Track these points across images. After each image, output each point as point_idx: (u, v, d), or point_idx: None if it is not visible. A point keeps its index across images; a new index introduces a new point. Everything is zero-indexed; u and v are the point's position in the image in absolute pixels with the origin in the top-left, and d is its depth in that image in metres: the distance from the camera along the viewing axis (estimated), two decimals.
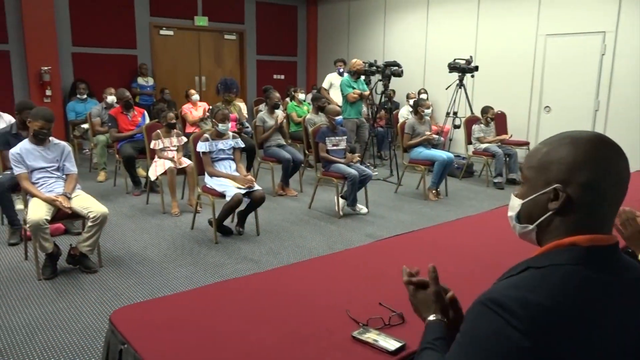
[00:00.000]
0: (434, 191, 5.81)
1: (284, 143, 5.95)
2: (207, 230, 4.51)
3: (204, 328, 1.56)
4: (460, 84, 7.24)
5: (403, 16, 9.55)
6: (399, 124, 6.36)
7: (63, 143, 3.74)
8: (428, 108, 6.05)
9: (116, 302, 3.14)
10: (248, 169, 5.77)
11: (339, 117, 5.25)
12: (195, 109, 7.49)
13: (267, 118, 5.81)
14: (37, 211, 3.32)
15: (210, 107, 5.01)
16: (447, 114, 7.47)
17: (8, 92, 7.83)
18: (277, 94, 5.91)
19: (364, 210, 5.20)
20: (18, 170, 3.57)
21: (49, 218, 3.35)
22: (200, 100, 7.61)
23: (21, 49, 7.99)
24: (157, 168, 5.10)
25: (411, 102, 7.87)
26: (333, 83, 7.58)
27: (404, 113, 8.01)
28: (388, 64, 6.65)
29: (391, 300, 1.72)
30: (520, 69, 7.80)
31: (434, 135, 6.02)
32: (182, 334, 1.51)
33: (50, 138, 3.68)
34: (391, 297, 1.75)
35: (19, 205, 4.44)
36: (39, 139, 3.58)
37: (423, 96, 8.19)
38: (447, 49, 8.53)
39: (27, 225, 3.29)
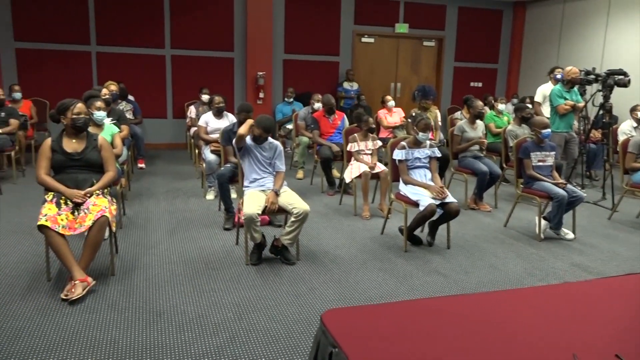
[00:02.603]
0: None
1: (481, 154, 5.64)
2: (397, 238, 4.50)
3: (413, 345, 1.50)
4: None
5: (632, 17, 8.31)
6: (620, 142, 5.54)
7: (276, 143, 4.07)
8: None
9: (311, 296, 3.30)
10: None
11: (547, 130, 4.77)
12: (390, 115, 7.58)
13: (467, 128, 5.56)
14: (251, 206, 3.67)
15: (413, 114, 4.98)
16: None
17: (230, 94, 8.93)
18: (480, 103, 5.61)
19: (570, 235, 4.64)
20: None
21: (260, 212, 3.68)
22: (395, 107, 7.69)
23: (243, 56, 9.06)
24: (352, 171, 5.27)
25: (638, 115, 6.81)
26: (547, 96, 6.91)
27: (626, 129, 6.95)
28: (612, 73, 5.82)
29: (632, 354, 1.45)
30: None
31: None
32: (392, 347, 1.48)
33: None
34: (631, 350, 1.48)
35: (232, 195, 5.00)
36: (258, 141, 3.97)
37: None
38: None
39: (243, 218, 3.65)
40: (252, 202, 3.73)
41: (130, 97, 7.57)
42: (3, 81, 7.83)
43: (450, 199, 4.15)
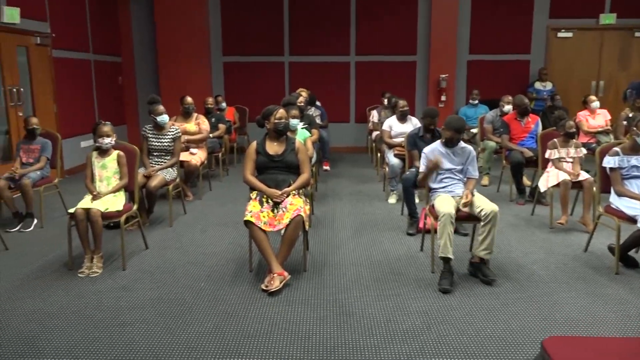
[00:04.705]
0: None
1: None
2: (604, 257, 3.94)
3: None
4: None
5: None
6: None
7: (469, 147, 3.86)
8: None
9: (506, 314, 3.05)
10: None
11: None
12: (593, 117, 6.76)
13: None
14: (445, 205, 3.51)
15: (630, 115, 4.33)
16: None
17: (411, 97, 8.89)
18: None
19: None
20: (422, 168, 3.89)
21: (453, 213, 3.48)
22: (599, 108, 6.82)
23: (425, 59, 8.95)
24: (549, 179, 4.78)
25: None
26: None
27: None
28: None
29: None
30: None
31: None
32: None
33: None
34: None
35: (416, 199, 4.92)
36: (449, 145, 3.81)
37: None
38: None
39: (439, 219, 3.44)
40: (447, 203, 3.57)
41: (318, 103, 8.00)
42: (212, 91, 8.94)
43: None
